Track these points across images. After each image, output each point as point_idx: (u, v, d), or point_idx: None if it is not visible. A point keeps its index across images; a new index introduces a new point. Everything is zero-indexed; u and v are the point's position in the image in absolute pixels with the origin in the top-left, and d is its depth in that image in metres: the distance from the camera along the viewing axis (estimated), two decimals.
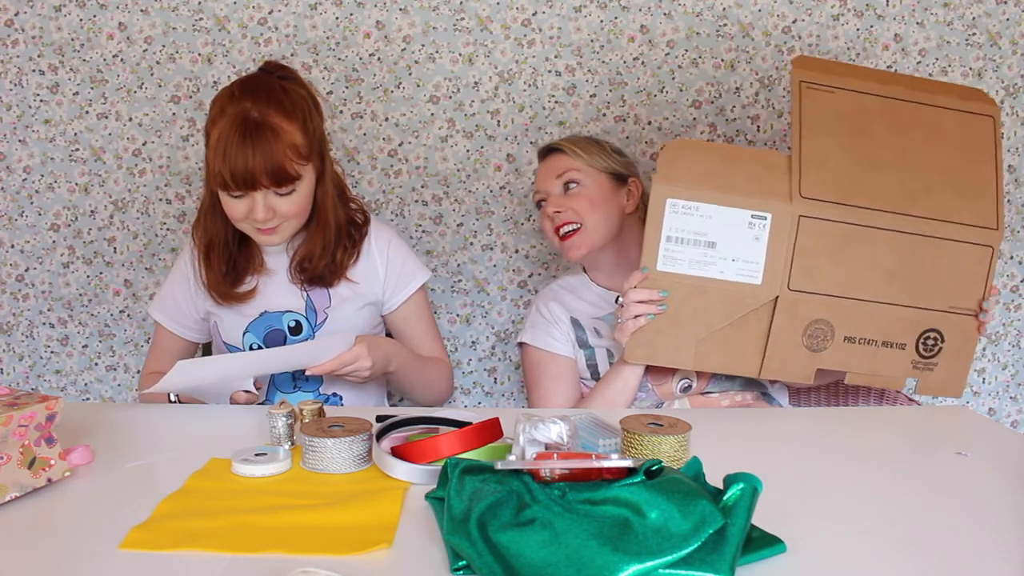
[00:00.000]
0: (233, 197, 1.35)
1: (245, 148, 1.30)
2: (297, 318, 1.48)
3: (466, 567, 0.75)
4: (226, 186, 1.33)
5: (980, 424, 1.25)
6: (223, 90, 1.39)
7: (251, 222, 1.37)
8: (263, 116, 1.32)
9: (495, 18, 1.92)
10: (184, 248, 1.55)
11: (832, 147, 1.31)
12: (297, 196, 1.37)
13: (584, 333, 1.56)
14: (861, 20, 1.94)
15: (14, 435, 0.90)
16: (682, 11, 1.92)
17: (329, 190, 1.46)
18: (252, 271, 1.48)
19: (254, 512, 0.87)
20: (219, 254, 1.46)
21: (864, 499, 0.94)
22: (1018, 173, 2.02)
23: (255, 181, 1.31)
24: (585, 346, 1.56)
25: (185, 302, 1.52)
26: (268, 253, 1.49)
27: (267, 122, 1.32)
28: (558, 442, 0.90)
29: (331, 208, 1.46)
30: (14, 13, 1.91)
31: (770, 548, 0.79)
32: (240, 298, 1.47)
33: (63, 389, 2.07)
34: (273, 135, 1.31)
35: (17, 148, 1.96)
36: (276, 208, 1.36)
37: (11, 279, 2.02)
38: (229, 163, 1.30)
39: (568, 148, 1.58)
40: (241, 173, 1.30)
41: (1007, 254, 2.05)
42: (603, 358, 1.54)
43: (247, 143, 1.30)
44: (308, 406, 1.11)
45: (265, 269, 1.48)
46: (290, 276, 1.48)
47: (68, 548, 0.80)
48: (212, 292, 1.47)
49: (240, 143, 1.30)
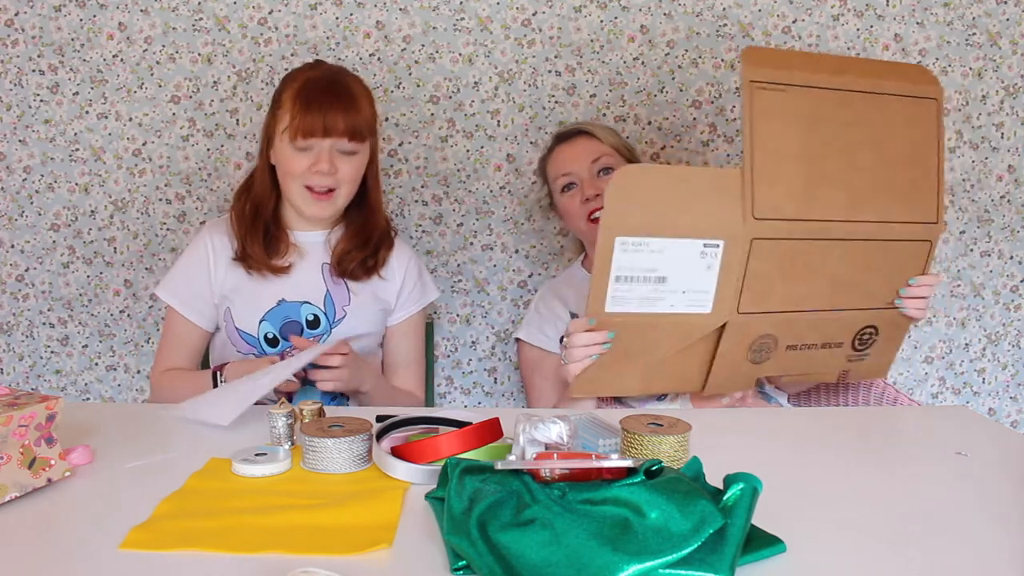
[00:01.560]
0: (299, 150, 1.41)
1: (328, 96, 1.40)
2: (316, 312, 1.49)
3: (466, 567, 0.75)
4: (305, 132, 1.39)
5: (980, 424, 1.24)
6: (295, 68, 1.51)
7: (311, 177, 1.42)
8: (343, 79, 1.44)
9: (495, 18, 1.92)
10: (201, 233, 1.55)
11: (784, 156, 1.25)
12: (357, 161, 1.45)
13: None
14: (861, 20, 1.94)
15: (14, 435, 0.90)
16: (682, 11, 1.92)
17: (378, 184, 1.54)
18: (280, 253, 1.51)
19: (254, 512, 0.87)
20: (262, 225, 1.50)
21: (864, 499, 0.94)
22: (1018, 173, 2.02)
23: (333, 128, 1.39)
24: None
25: (201, 284, 1.51)
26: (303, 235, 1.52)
27: (346, 83, 1.44)
28: (558, 442, 0.90)
29: (379, 198, 1.54)
30: (14, 13, 1.91)
31: (770, 548, 0.78)
32: (276, 270, 1.49)
33: (63, 389, 2.07)
34: (352, 95, 1.43)
35: (17, 148, 1.96)
36: (338, 166, 1.43)
37: (11, 279, 2.02)
38: (312, 109, 1.39)
39: (599, 132, 1.57)
40: (322, 118, 1.39)
41: (1007, 254, 2.05)
42: None
43: (329, 93, 1.41)
44: (308, 406, 1.10)
45: (298, 250, 1.51)
46: (326, 266, 1.52)
47: (68, 548, 0.80)
48: (249, 260, 1.48)
49: (324, 93, 1.41)
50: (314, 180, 1.42)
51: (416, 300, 1.59)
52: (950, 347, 2.09)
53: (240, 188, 1.55)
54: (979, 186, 2.02)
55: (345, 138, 1.41)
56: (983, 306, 2.08)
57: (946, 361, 2.09)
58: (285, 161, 1.44)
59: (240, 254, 1.48)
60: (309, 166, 1.41)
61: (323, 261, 1.52)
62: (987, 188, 2.02)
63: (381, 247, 1.54)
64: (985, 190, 2.02)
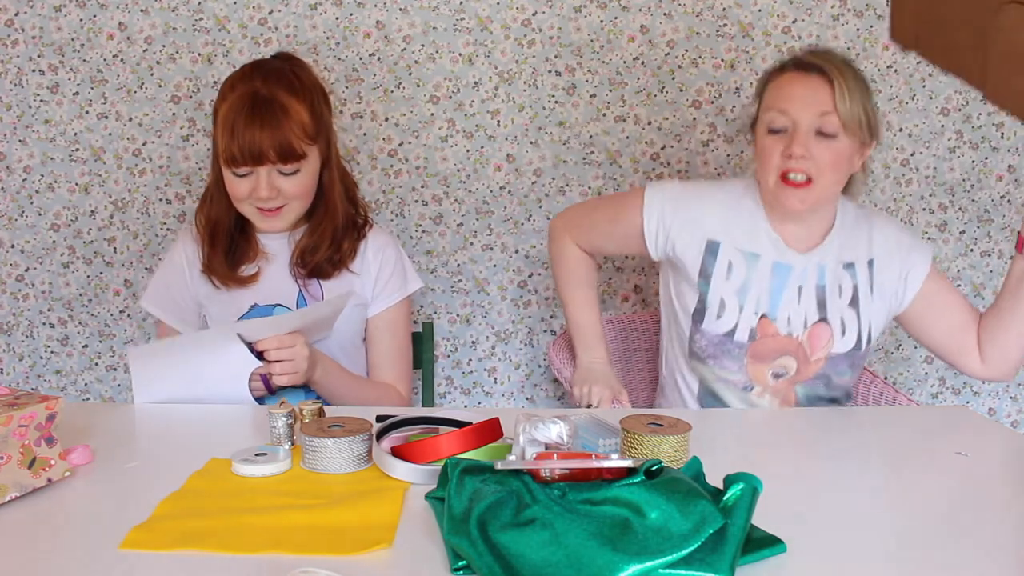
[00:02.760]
0: (238, 176, 1.37)
1: (253, 123, 1.33)
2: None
3: (466, 567, 0.75)
4: (233, 161, 1.34)
5: (980, 424, 1.25)
6: (235, 72, 1.43)
7: (254, 201, 1.39)
8: (272, 93, 1.36)
9: (495, 18, 1.92)
10: (176, 241, 1.55)
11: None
12: (302, 176, 1.40)
13: (714, 262, 1.38)
14: (861, 20, 1.94)
15: (14, 435, 0.90)
16: (682, 11, 1.92)
17: (336, 180, 1.48)
18: (249, 259, 1.48)
19: (254, 512, 0.87)
20: (222, 238, 1.47)
21: (864, 499, 0.94)
22: (1018, 173, 2.02)
23: (262, 155, 1.34)
24: (705, 278, 1.38)
25: (179, 292, 1.51)
26: (268, 239, 1.49)
27: (275, 99, 1.36)
28: (558, 442, 0.90)
29: (338, 198, 1.48)
30: (14, 13, 1.91)
31: (770, 548, 0.79)
32: (242, 282, 1.47)
33: (63, 389, 2.07)
34: (281, 111, 1.35)
35: (17, 148, 1.96)
36: (280, 187, 1.38)
37: (11, 279, 2.02)
38: (237, 138, 1.33)
39: (839, 82, 1.29)
40: (248, 147, 1.33)
41: (1007, 254, 2.05)
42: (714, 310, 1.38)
43: (255, 118, 1.34)
44: (308, 406, 1.11)
45: (265, 255, 1.48)
46: (290, 266, 1.48)
47: (68, 548, 0.80)
48: (214, 275, 1.46)
49: (249, 118, 1.34)
50: (258, 204, 1.40)
51: (395, 290, 1.53)
52: None
53: (201, 200, 1.51)
54: (979, 186, 2.02)
55: (279, 162, 1.36)
56: (983, 306, 2.07)
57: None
58: (228, 184, 1.40)
59: (206, 268, 1.47)
60: (250, 191, 1.38)
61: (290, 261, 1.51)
62: (987, 188, 2.02)
63: (345, 240, 1.49)
64: (985, 190, 2.02)
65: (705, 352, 1.40)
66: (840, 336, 1.40)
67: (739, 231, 1.40)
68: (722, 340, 1.38)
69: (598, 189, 1.99)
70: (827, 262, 1.40)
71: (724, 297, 1.38)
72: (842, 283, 1.41)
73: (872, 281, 1.42)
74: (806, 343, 1.40)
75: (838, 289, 1.40)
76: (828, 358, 1.40)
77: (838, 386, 1.43)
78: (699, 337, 1.40)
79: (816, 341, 1.40)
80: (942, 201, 2.02)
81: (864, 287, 1.41)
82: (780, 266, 1.39)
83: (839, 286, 1.40)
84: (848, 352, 1.40)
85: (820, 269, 1.40)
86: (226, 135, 1.34)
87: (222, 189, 1.44)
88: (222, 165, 1.38)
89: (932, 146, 2.00)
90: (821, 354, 1.40)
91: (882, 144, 1.93)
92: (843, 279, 1.41)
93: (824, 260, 1.40)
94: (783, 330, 1.38)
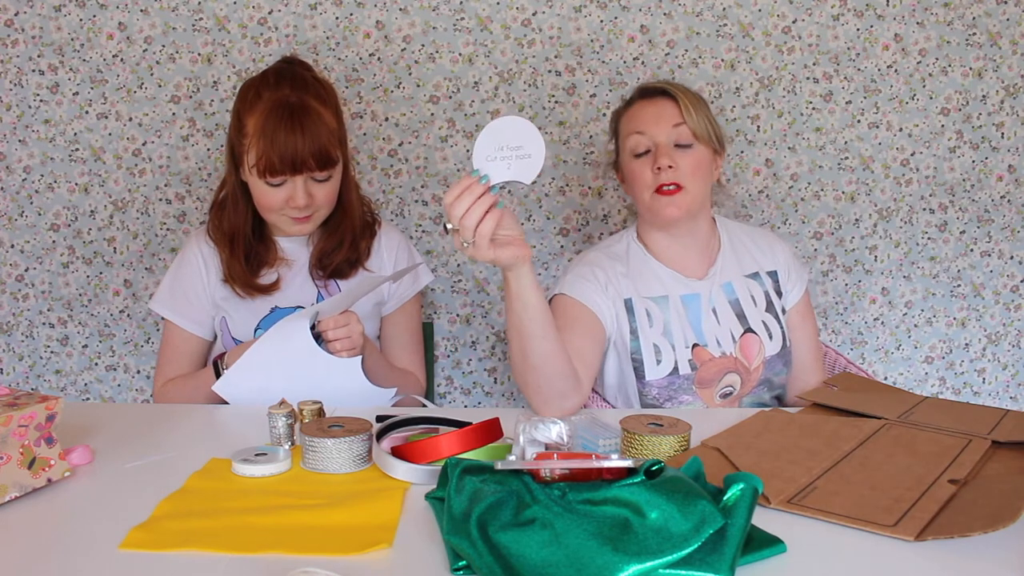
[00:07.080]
0: (272, 185, 1.37)
1: (294, 131, 1.32)
2: None
3: (466, 567, 0.75)
4: (271, 171, 1.34)
5: None
6: (252, 79, 1.42)
7: (288, 211, 1.39)
8: (302, 101, 1.35)
9: (495, 18, 1.92)
10: (189, 243, 1.54)
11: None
12: (333, 182, 1.41)
13: (634, 318, 1.41)
14: (861, 20, 1.94)
15: (14, 435, 0.90)
16: (682, 11, 1.92)
17: (352, 181, 1.50)
18: (269, 263, 1.49)
19: (254, 512, 0.87)
20: (241, 245, 1.47)
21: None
22: (1018, 173, 2.02)
23: (302, 164, 1.33)
24: (634, 334, 1.41)
25: (194, 294, 1.50)
26: (287, 242, 1.50)
27: (309, 106, 1.35)
28: (558, 442, 0.90)
29: (355, 199, 1.50)
30: (14, 13, 1.91)
31: (770, 548, 0.79)
32: (265, 290, 1.47)
33: (63, 389, 2.07)
34: (317, 118, 1.35)
35: (17, 148, 1.96)
36: (314, 194, 1.39)
37: (11, 279, 2.02)
38: (278, 148, 1.32)
39: (683, 100, 1.41)
40: (290, 156, 1.32)
41: (1007, 254, 2.05)
42: (652, 359, 1.41)
43: (295, 126, 1.33)
44: (308, 406, 1.11)
45: (284, 260, 1.49)
46: (310, 268, 1.49)
47: (68, 548, 0.80)
48: (237, 284, 1.46)
49: (288, 127, 1.32)
50: (292, 213, 1.40)
51: (409, 285, 1.56)
52: (950, 347, 2.09)
53: (214, 204, 1.50)
54: (979, 186, 2.02)
55: (317, 170, 1.36)
56: (983, 306, 2.07)
57: (946, 361, 2.09)
58: (259, 195, 1.40)
59: (227, 278, 1.47)
60: (285, 200, 1.38)
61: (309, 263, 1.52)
62: (987, 188, 2.02)
63: (361, 240, 1.51)
64: (985, 190, 2.02)
65: (659, 398, 1.42)
66: (768, 340, 1.46)
67: (640, 281, 1.45)
68: (669, 380, 1.41)
69: (598, 189, 1.99)
70: (730, 278, 1.47)
71: (656, 343, 1.42)
72: (753, 293, 1.48)
73: (778, 286, 1.51)
74: (741, 356, 1.44)
75: (751, 299, 1.47)
76: (765, 363, 1.45)
77: (778, 385, 1.49)
78: (648, 389, 1.42)
79: (749, 351, 1.44)
80: (942, 201, 2.02)
81: (772, 293, 1.50)
82: (688, 297, 1.45)
83: (751, 296, 1.48)
84: (780, 352, 1.47)
85: (727, 286, 1.47)
86: (263, 144, 1.33)
87: (241, 198, 1.43)
88: (254, 176, 1.36)
89: (932, 146, 2.00)
90: (757, 361, 1.45)
91: (729, 156, 1.97)
92: (752, 288, 1.48)
93: (726, 278, 1.47)
94: (715, 352, 1.42)
